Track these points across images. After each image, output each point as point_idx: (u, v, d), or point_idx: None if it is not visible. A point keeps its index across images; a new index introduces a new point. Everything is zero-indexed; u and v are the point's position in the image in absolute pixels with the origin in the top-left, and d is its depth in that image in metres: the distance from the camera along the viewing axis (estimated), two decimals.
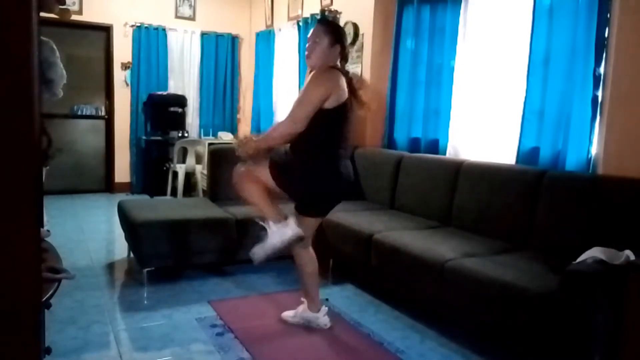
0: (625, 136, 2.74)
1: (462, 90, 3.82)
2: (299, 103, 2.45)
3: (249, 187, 2.59)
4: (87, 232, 4.65)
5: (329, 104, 2.43)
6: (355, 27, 4.63)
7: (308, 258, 2.72)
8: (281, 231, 2.48)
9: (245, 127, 7.15)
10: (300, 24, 5.62)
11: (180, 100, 6.59)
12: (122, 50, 6.46)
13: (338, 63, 2.57)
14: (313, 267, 2.73)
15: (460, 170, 3.44)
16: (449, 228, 3.37)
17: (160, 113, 6.40)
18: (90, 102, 6.55)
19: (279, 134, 2.51)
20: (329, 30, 2.56)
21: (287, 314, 2.84)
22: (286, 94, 6.03)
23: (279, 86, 6.27)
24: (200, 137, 6.83)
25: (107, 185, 6.71)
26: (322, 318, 2.75)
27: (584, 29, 2.92)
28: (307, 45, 2.59)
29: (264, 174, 2.55)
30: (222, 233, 3.42)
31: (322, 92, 2.42)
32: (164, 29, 6.60)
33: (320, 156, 2.52)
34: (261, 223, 2.57)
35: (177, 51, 6.75)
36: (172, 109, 6.46)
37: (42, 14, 1.48)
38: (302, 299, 2.81)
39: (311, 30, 2.61)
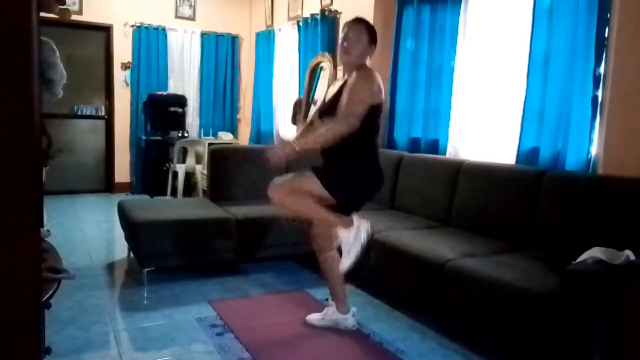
0: (625, 136, 2.74)
1: (462, 90, 3.83)
2: (353, 102, 2.40)
3: (299, 200, 2.51)
4: (87, 232, 4.64)
5: (373, 101, 2.47)
6: None
7: (334, 259, 2.69)
8: (357, 233, 2.51)
9: (245, 127, 7.15)
10: (300, 24, 5.62)
11: (180, 100, 6.59)
12: (122, 50, 6.46)
13: (367, 62, 2.60)
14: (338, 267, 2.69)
15: (460, 170, 3.44)
16: (449, 228, 3.37)
17: (160, 113, 6.40)
18: (90, 102, 6.55)
19: (333, 134, 2.38)
20: (368, 30, 2.58)
21: (314, 317, 2.79)
22: (286, 94, 6.03)
23: (279, 86, 6.27)
24: (200, 137, 6.83)
25: (107, 185, 6.71)
26: (351, 319, 2.73)
27: (583, 29, 2.92)
28: (344, 41, 2.56)
29: (312, 183, 2.48)
30: (222, 233, 3.41)
31: (374, 89, 2.46)
32: (164, 29, 6.61)
33: (368, 155, 2.57)
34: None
35: (177, 51, 6.75)
36: (172, 109, 6.46)
37: (42, 14, 1.48)
38: (330, 301, 2.80)
39: (347, 27, 2.58)
